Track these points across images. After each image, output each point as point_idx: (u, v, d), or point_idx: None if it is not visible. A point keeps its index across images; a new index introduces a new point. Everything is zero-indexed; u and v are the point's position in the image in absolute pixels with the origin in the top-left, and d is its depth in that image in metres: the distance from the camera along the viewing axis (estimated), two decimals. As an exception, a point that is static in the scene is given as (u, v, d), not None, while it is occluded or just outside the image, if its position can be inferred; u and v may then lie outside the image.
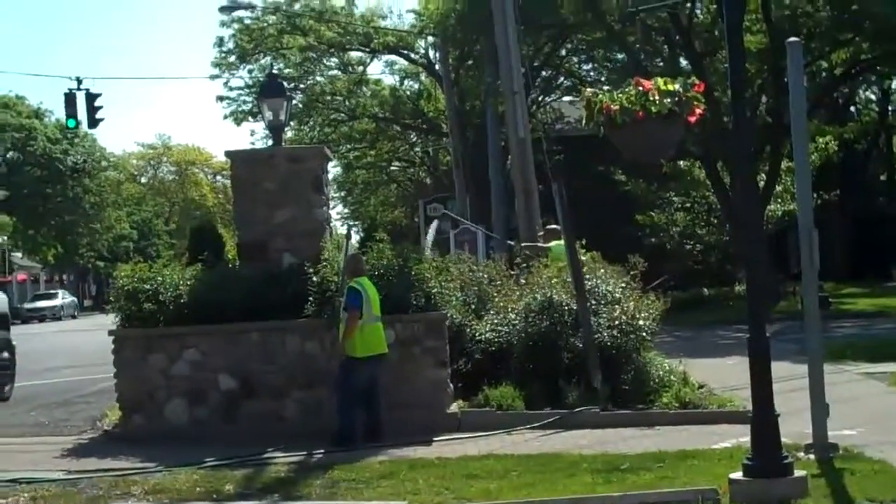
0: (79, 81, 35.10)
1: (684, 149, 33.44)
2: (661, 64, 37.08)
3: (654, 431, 13.67)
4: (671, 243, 42.08)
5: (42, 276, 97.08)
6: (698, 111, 11.37)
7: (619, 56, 41.88)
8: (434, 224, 24.96)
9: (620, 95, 11.20)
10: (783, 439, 9.97)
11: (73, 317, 75.47)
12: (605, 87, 12.98)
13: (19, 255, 76.70)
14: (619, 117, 11.06)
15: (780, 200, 39.15)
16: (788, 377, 14.39)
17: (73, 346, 35.13)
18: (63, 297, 79.67)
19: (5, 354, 21.25)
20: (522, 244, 21.46)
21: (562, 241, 19.12)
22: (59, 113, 72.88)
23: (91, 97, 35.14)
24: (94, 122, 36.10)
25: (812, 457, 11.21)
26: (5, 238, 23.07)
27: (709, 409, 14.58)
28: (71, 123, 37.11)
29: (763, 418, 9.86)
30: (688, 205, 43.11)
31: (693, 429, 13.62)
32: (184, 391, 15.39)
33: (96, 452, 14.33)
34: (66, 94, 35.12)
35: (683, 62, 37.49)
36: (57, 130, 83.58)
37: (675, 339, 23.77)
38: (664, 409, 14.54)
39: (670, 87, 11.12)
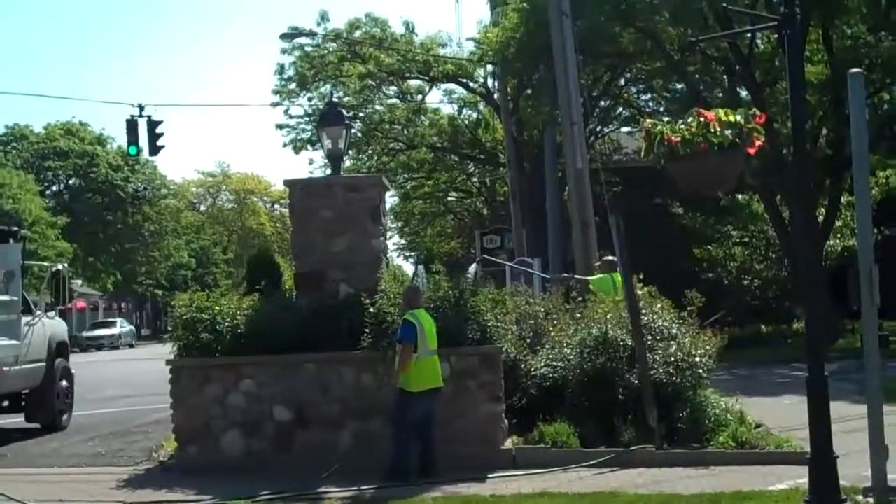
0: (140, 108, 35.40)
1: (743, 181, 33.18)
2: (721, 94, 36.82)
3: (709, 471, 13.50)
4: (728, 278, 41.67)
5: (101, 304, 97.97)
6: (758, 143, 11.28)
7: (678, 86, 41.68)
8: (473, 267, 24.96)
9: (682, 127, 11.13)
10: (841, 482, 9.85)
11: (131, 346, 76.12)
12: (665, 118, 12.92)
13: (79, 282, 77.37)
14: (681, 149, 10.99)
15: (839, 235, 38.71)
16: (847, 418, 14.19)
17: (131, 376, 35.44)
18: (121, 326, 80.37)
19: (64, 383, 21.42)
20: (553, 276, 21.36)
21: (602, 275, 19.09)
22: (121, 140, 73.91)
23: (152, 124, 35.40)
24: (155, 150, 36.34)
25: (871, 500, 11.00)
26: (66, 265, 23.30)
27: (766, 450, 14.37)
28: (132, 150, 37.37)
29: (821, 460, 9.74)
30: (746, 239, 42.70)
31: (749, 469, 13.43)
32: (239, 422, 15.42)
33: (152, 484, 14.38)
34: (127, 121, 35.40)
35: (743, 93, 37.23)
36: (118, 157, 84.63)
37: (732, 376, 23.53)
38: (720, 448, 14.35)
39: (732, 119, 11.05)
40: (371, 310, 15.16)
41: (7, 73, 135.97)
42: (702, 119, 11.09)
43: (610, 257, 18.92)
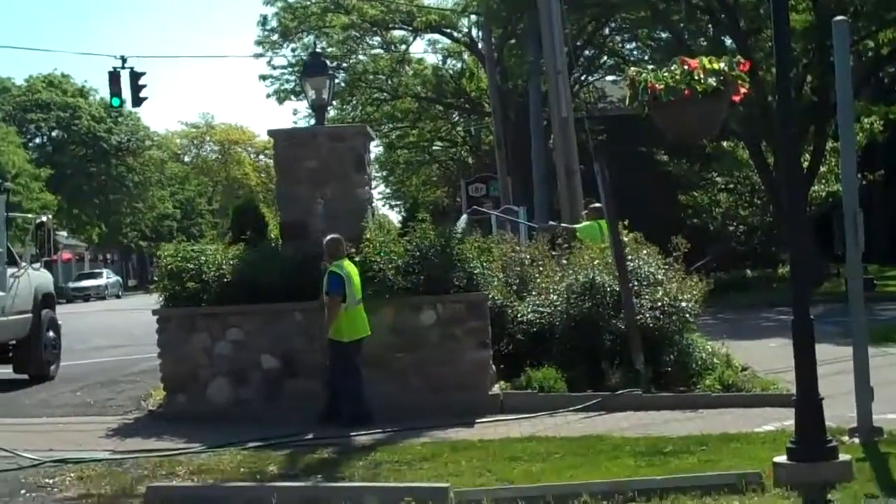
0: (123, 60, 35.20)
1: (728, 129, 33.22)
2: (705, 43, 36.74)
3: (696, 414, 13.60)
4: (714, 224, 41.83)
5: (87, 255, 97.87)
6: (743, 90, 11.30)
7: (663, 35, 41.61)
8: (464, 218, 24.95)
9: (665, 74, 11.13)
10: (827, 423, 9.90)
11: (118, 296, 76.05)
12: (650, 67, 12.87)
13: (64, 234, 77.31)
14: (664, 96, 10.99)
15: (824, 181, 38.77)
16: (832, 360, 14.29)
17: (118, 326, 35.44)
18: (107, 277, 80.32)
19: (51, 334, 21.44)
20: (540, 225, 21.40)
21: (589, 222, 19.13)
22: (104, 92, 73.50)
23: (135, 76, 35.23)
24: (138, 101, 36.21)
25: (856, 441, 11.09)
26: (50, 217, 23.31)
27: (752, 392, 14.50)
28: (115, 102, 37.19)
29: (807, 402, 9.80)
30: (731, 185, 42.81)
31: (736, 412, 13.54)
32: (227, 371, 15.48)
33: (141, 432, 14.45)
34: (110, 73, 35.21)
35: (728, 41, 37.18)
36: (101, 109, 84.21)
37: (718, 321, 23.63)
38: (707, 391, 14.46)
39: (716, 66, 11.05)
40: (356, 258, 15.17)
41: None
42: (686, 67, 11.09)
43: (596, 205, 18.96)
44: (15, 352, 20.83)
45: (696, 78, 10.94)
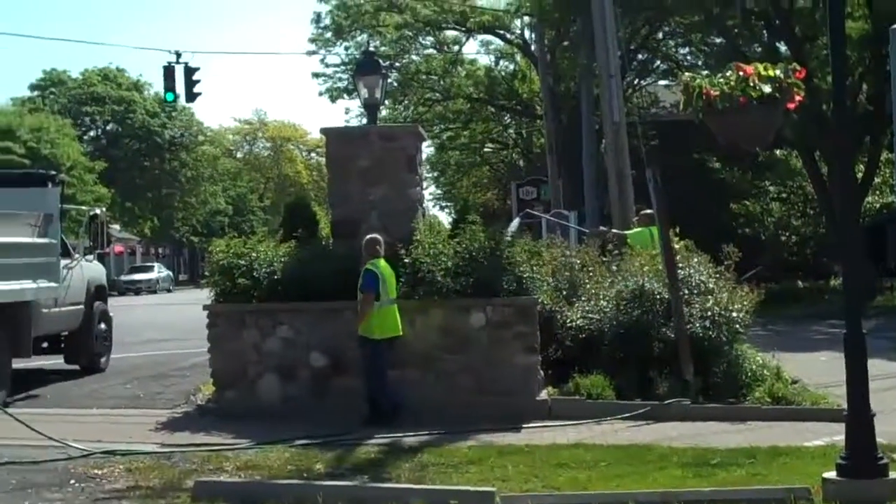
0: (178, 55, 35.50)
1: (782, 137, 32.96)
2: (760, 49, 36.50)
3: (745, 426, 13.50)
4: (766, 234, 41.53)
5: (139, 248, 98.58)
6: (798, 98, 11.18)
7: (717, 40, 41.36)
8: (516, 221, 24.92)
9: (720, 80, 11.06)
10: (878, 439, 9.80)
11: (169, 290, 76.58)
12: (703, 72, 12.85)
13: (117, 227, 77.88)
14: (720, 103, 10.93)
15: (878, 192, 38.45)
16: (884, 375, 14.18)
17: (169, 320, 35.66)
18: (159, 271, 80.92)
19: (102, 326, 21.61)
20: (590, 230, 21.33)
21: (640, 229, 19.03)
22: (158, 86, 74.09)
23: (189, 71, 35.46)
24: (192, 96, 36.44)
25: (908, 458, 10.98)
26: (104, 209, 23.50)
27: (802, 406, 14.35)
28: (169, 97, 37.54)
29: (858, 417, 9.69)
30: (784, 195, 42.50)
31: (785, 425, 13.44)
32: (276, 367, 15.54)
33: (190, 426, 14.55)
34: (165, 68, 35.52)
35: (782, 47, 36.90)
36: (155, 103, 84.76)
37: (769, 332, 23.46)
38: (756, 403, 14.36)
39: (771, 73, 10.95)
40: (406, 259, 15.20)
41: (45, 18, 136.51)
42: (741, 73, 11.00)
43: (647, 211, 18.86)
44: (66, 343, 21.01)
45: (752, 85, 10.85)
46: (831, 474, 9.65)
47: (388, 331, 14.46)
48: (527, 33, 51.99)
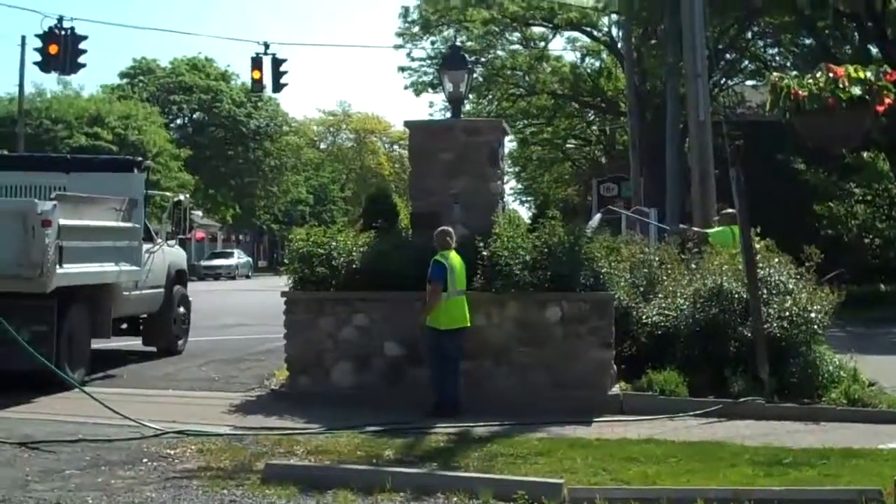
0: (266, 46, 35.69)
1: (869, 139, 32.51)
2: (850, 51, 36.03)
3: (819, 427, 13.38)
4: (849, 236, 40.92)
5: (219, 235, 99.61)
6: (888, 100, 11.08)
7: (807, 41, 40.89)
8: (597, 217, 24.81)
9: (809, 81, 10.96)
10: (954, 444, 9.68)
11: (248, 276, 77.28)
12: (792, 73, 12.69)
13: (199, 213, 78.56)
14: (808, 104, 10.83)
15: (964, 198, 37.77)
16: (964, 380, 13.95)
17: (246, 306, 36.05)
18: (238, 257, 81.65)
19: (181, 309, 21.90)
20: (678, 227, 21.17)
21: (721, 228, 18.87)
22: (245, 76, 74.64)
23: (277, 62, 35.66)
24: (278, 87, 36.63)
25: (984, 463, 10.83)
26: (187, 196, 23.78)
27: (878, 409, 14.20)
28: (256, 87, 37.78)
29: (935, 421, 9.58)
30: (869, 197, 41.83)
31: (860, 427, 13.31)
32: (350, 355, 15.67)
33: (262, 410, 14.74)
34: (252, 59, 35.77)
35: (873, 49, 36.39)
36: (242, 93, 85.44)
37: (847, 334, 23.16)
38: (832, 404, 14.21)
39: (861, 75, 10.86)
40: (485, 252, 15.23)
41: (136, 7, 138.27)
42: (831, 74, 10.91)
43: (729, 210, 18.70)
44: (145, 325, 21.34)
45: (841, 86, 10.76)
46: (905, 478, 9.54)
47: (455, 322, 14.50)
48: (614, 31, 51.71)
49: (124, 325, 20.58)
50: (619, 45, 49.12)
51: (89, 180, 19.13)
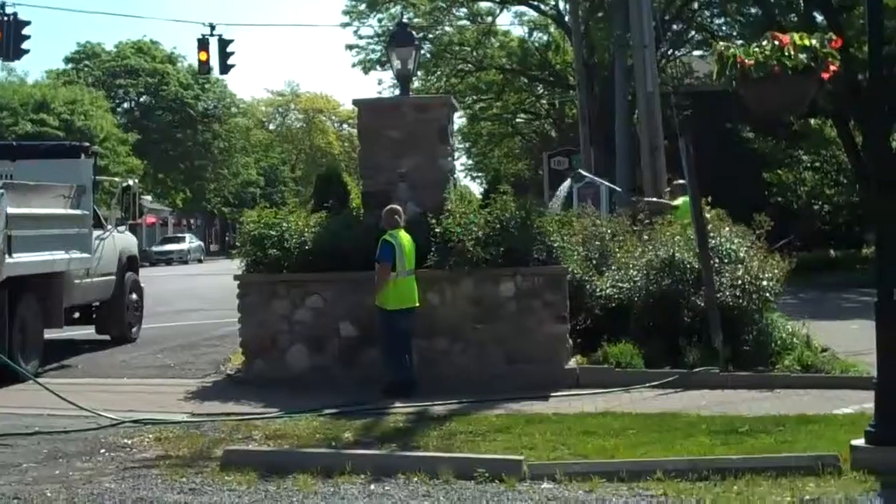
0: (212, 27, 35.50)
1: (816, 106, 32.71)
2: (796, 19, 36.21)
3: (774, 394, 13.49)
4: (798, 203, 41.23)
5: (170, 219, 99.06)
6: (833, 67, 11.15)
7: (752, 10, 41.05)
8: (567, 183, 24.73)
9: (755, 50, 11.00)
10: (908, 407, 9.75)
11: (200, 261, 76.87)
12: (738, 42, 12.68)
13: (149, 198, 78.14)
14: (754, 72, 10.87)
15: (913, 161, 38.07)
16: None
17: (199, 290, 35.88)
18: (190, 241, 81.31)
19: (134, 296, 21.75)
20: (646, 199, 21.21)
21: (685, 199, 18.92)
22: (192, 58, 74.25)
23: (224, 43, 35.48)
24: (225, 68, 36.45)
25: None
26: (136, 181, 23.63)
27: (831, 374, 14.31)
28: (203, 69, 37.52)
29: (888, 384, 9.65)
30: (817, 164, 42.13)
31: (814, 393, 13.42)
32: (305, 337, 15.61)
33: (219, 396, 14.68)
34: (199, 40, 35.53)
35: (819, 17, 36.59)
36: (189, 76, 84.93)
37: (800, 300, 23.38)
38: (785, 371, 14.32)
39: (806, 42, 10.92)
40: (437, 229, 15.20)
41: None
42: (776, 42, 10.96)
43: (681, 181, 18.77)
44: (98, 313, 21.17)
45: (787, 54, 10.80)
46: (860, 442, 9.62)
47: (404, 301, 14.45)
48: (561, 4, 51.87)
49: (77, 314, 20.41)
50: (567, 18, 49.21)
51: (36, 168, 18.94)
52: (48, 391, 13.88)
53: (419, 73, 47.02)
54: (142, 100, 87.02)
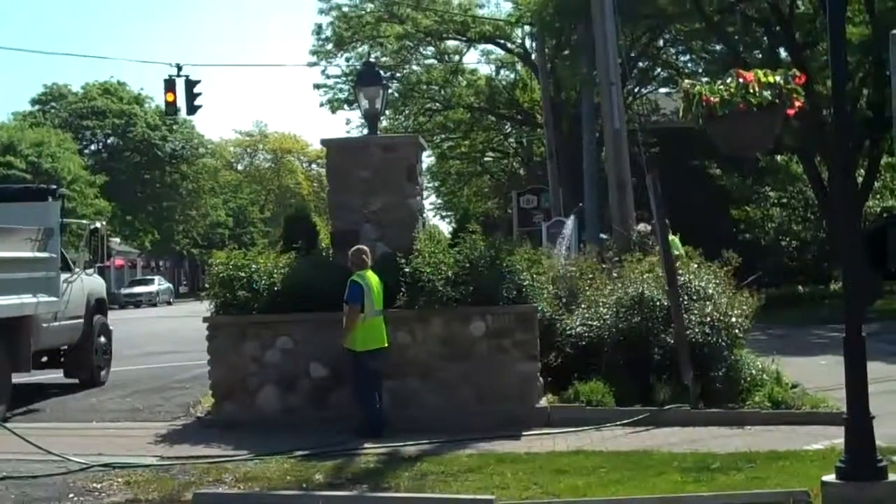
0: (179, 68, 35.48)
1: (782, 143, 32.95)
2: (760, 56, 36.54)
3: (745, 431, 13.54)
4: (766, 239, 41.49)
5: (139, 261, 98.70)
6: (798, 103, 11.19)
7: (718, 47, 41.40)
8: (571, 219, 24.73)
9: (720, 87, 11.07)
10: (878, 442, 9.77)
11: (169, 303, 76.62)
12: (704, 79, 12.78)
13: (117, 240, 77.94)
14: (719, 109, 10.94)
15: (878, 196, 38.41)
16: (884, 378, 14.17)
17: (169, 333, 35.68)
18: (159, 284, 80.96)
19: (102, 339, 21.60)
20: (639, 229, 21.25)
21: (673, 237, 19.03)
22: (159, 99, 74.15)
23: (190, 84, 35.43)
24: (192, 109, 36.39)
25: (907, 461, 10.95)
26: (104, 223, 23.56)
27: (802, 410, 14.39)
28: (170, 110, 37.44)
29: (857, 420, 9.66)
30: (784, 200, 42.45)
31: (785, 429, 13.47)
32: (276, 379, 15.54)
33: (189, 439, 14.56)
34: (165, 81, 35.50)
35: (783, 54, 36.94)
36: (156, 117, 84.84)
37: (769, 336, 23.47)
38: (756, 408, 14.39)
39: (771, 79, 10.96)
40: (406, 269, 15.20)
41: (44, 32, 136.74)
42: (741, 80, 11.00)
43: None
44: (66, 356, 20.99)
45: (752, 91, 10.86)
46: (830, 477, 9.61)
47: (372, 343, 14.42)
48: (528, 42, 52.18)
49: (45, 358, 20.23)
50: (533, 56, 49.50)
51: (2, 211, 18.80)
52: (16, 436, 13.76)
53: (387, 111, 47.26)
54: (109, 141, 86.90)
